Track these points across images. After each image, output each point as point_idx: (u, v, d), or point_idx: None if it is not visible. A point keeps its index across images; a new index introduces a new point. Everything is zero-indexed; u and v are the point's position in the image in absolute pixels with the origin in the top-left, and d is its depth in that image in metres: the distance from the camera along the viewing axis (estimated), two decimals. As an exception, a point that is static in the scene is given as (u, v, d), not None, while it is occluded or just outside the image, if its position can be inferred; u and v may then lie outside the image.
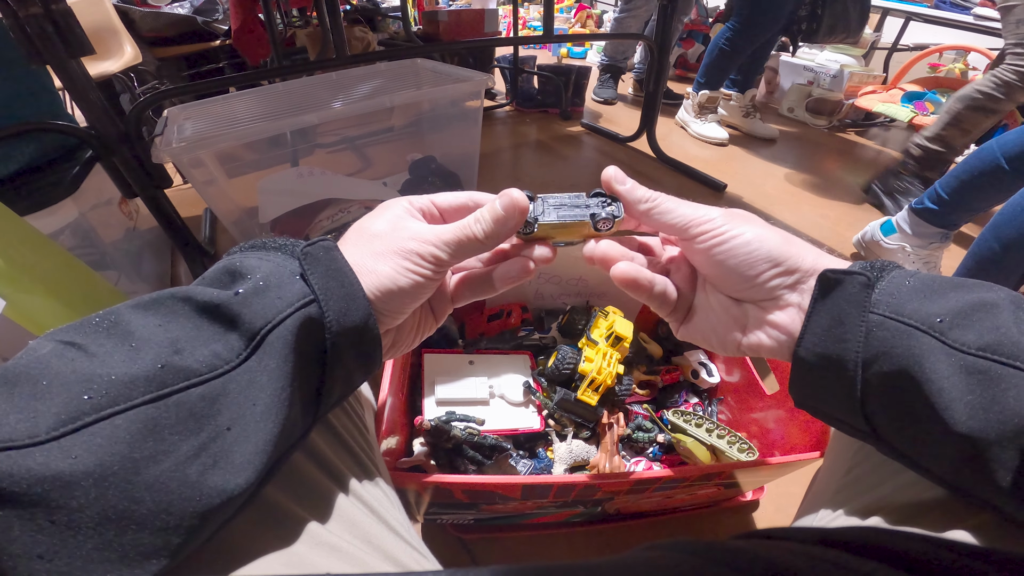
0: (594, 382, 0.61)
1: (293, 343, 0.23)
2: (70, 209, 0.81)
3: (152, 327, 0.21)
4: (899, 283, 0.26)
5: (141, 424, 0.18)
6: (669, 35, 1.53)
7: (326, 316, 0.25)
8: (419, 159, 1.31)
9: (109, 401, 0.18)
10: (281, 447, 0.23)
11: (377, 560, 0.28)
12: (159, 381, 0.19)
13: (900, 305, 0.25)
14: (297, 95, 1.15)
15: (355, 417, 0.37)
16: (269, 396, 0.22)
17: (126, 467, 0.18)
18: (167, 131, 0.92)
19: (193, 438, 0.20)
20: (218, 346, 0.22)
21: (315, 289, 0.25)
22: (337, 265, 0.26)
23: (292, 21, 2.05)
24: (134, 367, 0.19)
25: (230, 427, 0.21)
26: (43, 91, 0.90)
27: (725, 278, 0.31)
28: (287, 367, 0.23)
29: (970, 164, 0.95)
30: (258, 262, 0.25)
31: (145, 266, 1.05)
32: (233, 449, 0.21)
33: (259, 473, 0.21)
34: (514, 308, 0.74)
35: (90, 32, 0.78)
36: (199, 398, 0.20)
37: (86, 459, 0.17)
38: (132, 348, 0.20)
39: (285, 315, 0.23)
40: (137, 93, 1.53)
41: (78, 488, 0.17)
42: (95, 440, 0.17)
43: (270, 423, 0.22)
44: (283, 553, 0.24)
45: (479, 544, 0.66)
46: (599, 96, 2.41)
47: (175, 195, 0.98)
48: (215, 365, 0.21)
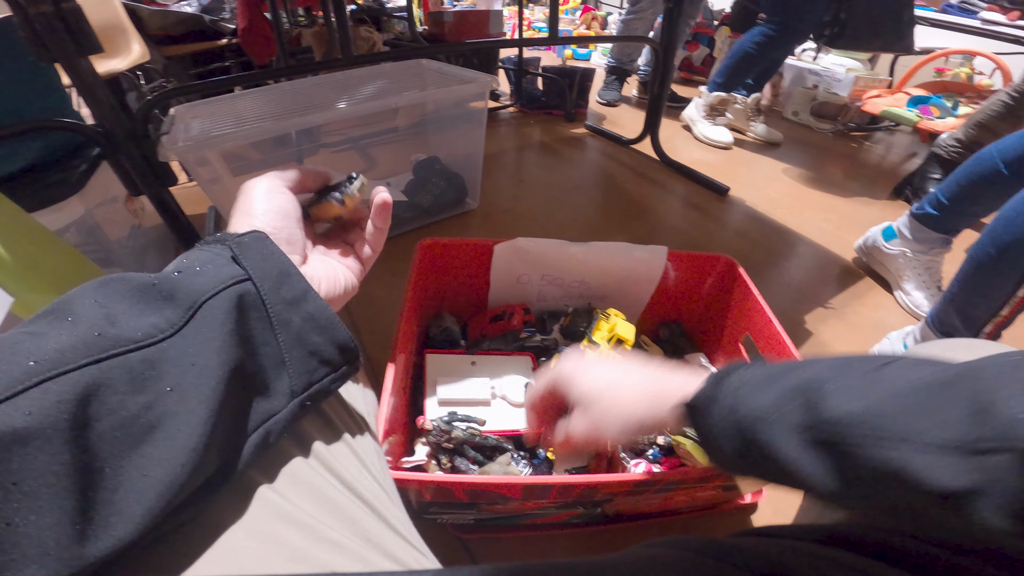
0: None
1: (228, 312, 0.25)
2: (76, 206, 0.82)
3: (88, 304, 0.22)
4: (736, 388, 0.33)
5: (85, 384, 0.20)
6: (675, 38, 1.53)
7: (262, 289, 0.27)
8: (423, 159, 1.31)
9: (53, 364, 0.19)
10: (238, 409, 0.25)
11: (378, 558, 0.28)
12: (98, 347, 0.21)
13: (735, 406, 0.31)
14: (302, 95, 1.16)
15: (356, 415, 0.37)
16: (206, 356, 0.24)
17: (75, 424, 0.19)
18: (174, 129, 0.93)
19: (137, 397, 0.21)
20: (154, 318, 0.23)
21: (247, 269, 0.27)
22: (269, 250, 0.29)
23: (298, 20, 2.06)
24: (71, 338, 0.20)
25: (171, 388, 0.22)
26: (51, 89, 0.90)
27: None
28: (223, 332, 0.25)
29: (969, 169, 0.95)
30: (197, 253, 0.28)
31: (150, 263, 1.05)
32: (177, 410, 0.22)
33: (204, 425, 0.23)
34: (516, 310, 0.74)
35: (98, 30, 0.78)
36: (139, 361, 0.22)
37: (39, 416, 0.18)
38: (70, 323, 0.21)
39: (219, 289, 0.26)
40: (144, 91, 1.54)
41: (29, 446, 0.17)
42: (45, 397, 0.18)
43: (210, 379, 0.24)
44: (284, 548, 0.25)
45: (479, 544, 0.66)
46: (603, 98, 2.41)
47: (180, 193, 0.99)
48: (152, 334, 0.23)
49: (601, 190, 1.57)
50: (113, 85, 1.44)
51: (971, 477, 0.22)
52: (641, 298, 0.77)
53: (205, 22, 1.73)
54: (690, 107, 2.05)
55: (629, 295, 0.77)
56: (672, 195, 1.55)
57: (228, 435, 0.25)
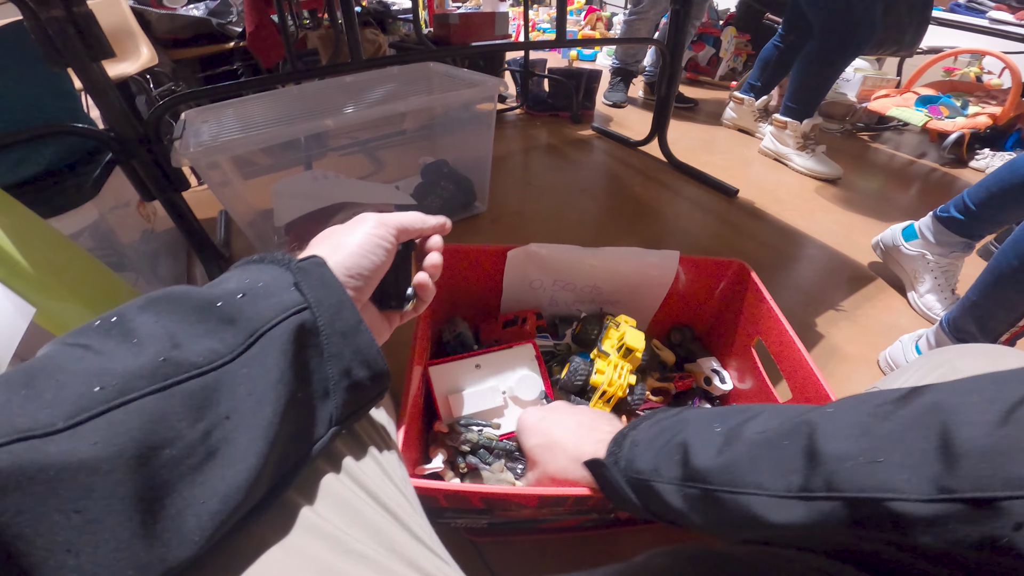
0: (605, 394, 0.61)
1: (288, 343, 0.26)
2: (90, 211, 0.82)
3: (151, 324, 0.22)
4: (627, 452, 0.41)
5: (150, 412, 0.20)
6: (682, 39, 1.53)
7: (319, 320, 0.28)
8: (431, 163, 1.31)
9: (118, 392, 0.19)
10: (288, 437, 0.25)
11: (403, 568, 0.28)
12: (162, 373, 0.21)
13: (627, 468, 0.40)
14: (311, 99, 1.16)
15: (378, 425, 0.38)
16: (264, 386, 0.24)
17: (142, 453, 0.19)
18: (185, 134, 0.93)
19: (197, 425, 0.21)
20: (214, 342, 0.23)
21: (308, 298, 0.28)
22: (327, 279, 0.30)
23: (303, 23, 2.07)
24: (138, 361, 0.20)
25: (228, 416, 0.22)
26: (64, 93, 0.91)
27: None
28: (282, 362, 0.25)
29: (1001, 176, 0.94)
30: (258, 273, 0.28)
31: (162, 268, 1.06)
32: (232, 436, 0.22)
33: (261, 457, 0.23)
34: (528, 315, 0.74)
35: (107, 33, 0.78)
36: (199, 388, 0.22)
37: (105, 445, 0.18)
38: (134, 344, 0.21)
39: (281, 318, 0.26)
40: (154, 95, 1.55)
41: (99, 473, 0.17)
42: (111, 427, 0.18)
43: (268, 408, 0.24)
44: (313, 562, 0.25)
45: (491, 547, 0.66)
46: (609, 100, 2.40)
47: (191, 197, 1.00)
48: (212, 359, 0.23)
49: (609, 192, 1.57)
50: (122, 89, 1.45)
51: (808, 515, 0.27)
52: (653, 303, 0.77)
53: (212, 25, 1.74)
54: (769, 140, 1.85)
55: (641, 299, 0.76)
56: (680, 197, 1.55)
57: (278, 462, 0.25)
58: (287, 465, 0.26)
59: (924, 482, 0.22)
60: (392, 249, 0.36)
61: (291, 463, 0.26)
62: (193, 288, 0.25)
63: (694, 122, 2.23)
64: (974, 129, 1.80)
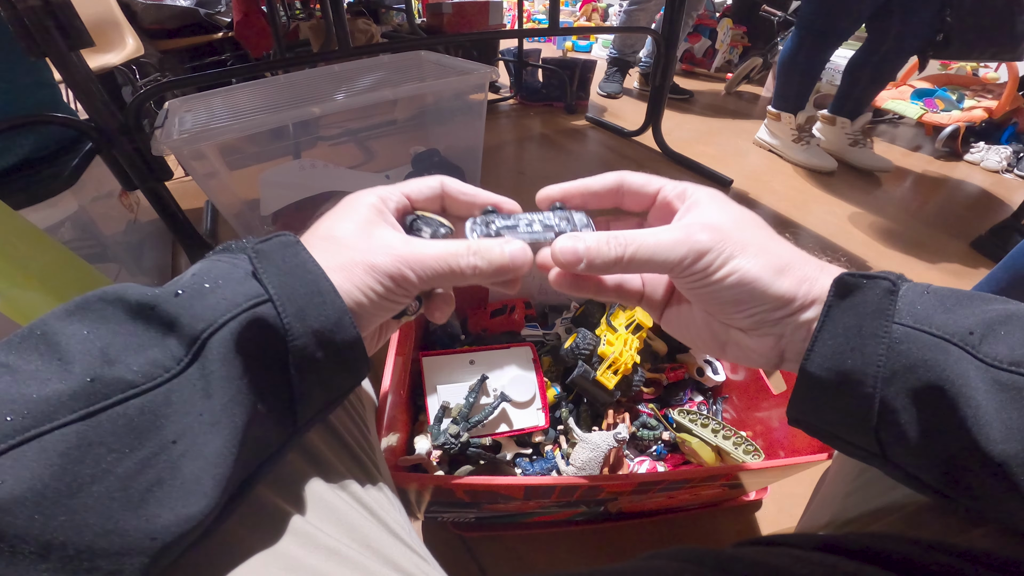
0: (614, 364, 0.60)
1: (241, 346, 0.21)
2: (70, 202, 0.81)
3: (80, 336, 0.19)
4: (919, 293, 0.23)
5: (72, 443, 0.17)
6: (677, 29, 1.51)
7: (283, 317, 0.22)
8: (422, 152, 1.30)
9: (33, 422, 0.17)
10: (245, 461, 0.22)
11: (376, 564, 0.27)
12: (88, 396, 0.18)
13: (927, 315, 0.22)
14: (300, 87, 1.14)
15: (355, 416, 0.36)
16: (218, 406, 0.20)
17: (60, 491, 0.16)
18: (168, 123, 0.91)
19: (134, 453, 0.18)
20: (155, 352, 0.20)
21: (267, 287, 0.22)
22: (298, 261, 0.24)
23: (295, 13, 2.04)
24: (61, 384, 0.17)
25: (175, 440, 0.19)
26: (43, 83, 0.89)
27: (707, 307, 0.29)
28: (236, 373, 0.21)
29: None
30: (211, 264, 0.23)
31: (146, 259, 1.04)
32: (180, 464, 0.19)
33: (221, 488, 0.20)
34: (517, 304, 0.73)
35: (91, 24, 0.77)
36: (137, 411, 0.18)
37: (13, 484, 0.16)
38: (60, 362, 0.18)
39: (229, 316, 0.21)
40: (139, 86, 1.52)
41: (11, 515, 0.15)
42: (21, 463, 0.16)
43: (221, 436, 0.20)
44: (280, 557, 0.24)
45: (480, 543, 0.65)
46: (604, 90, 2.39)
47: (176, 187, 0.98)
48: (153, 374, 0.19)
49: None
50: (108, 80, 1.42)
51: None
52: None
53: (200, 16, 1.72)
54: (764, 131, 1.79)
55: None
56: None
57: (234, 479, 0.22)
58: (243, 474, 0.23)
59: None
60: (402, 299, 0.27)
61: (247, 473, 0.23)
62: (130, 287, 0.21)
63: (689, 113, 2.22)
64: (969, 123, 1.80)
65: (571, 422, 0.62)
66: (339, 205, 0.28)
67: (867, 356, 0.23)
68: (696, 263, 0.25)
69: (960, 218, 1.43)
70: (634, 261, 0.26)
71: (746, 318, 0.27)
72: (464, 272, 0.26)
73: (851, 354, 0.23)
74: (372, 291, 0.25)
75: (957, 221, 1.41)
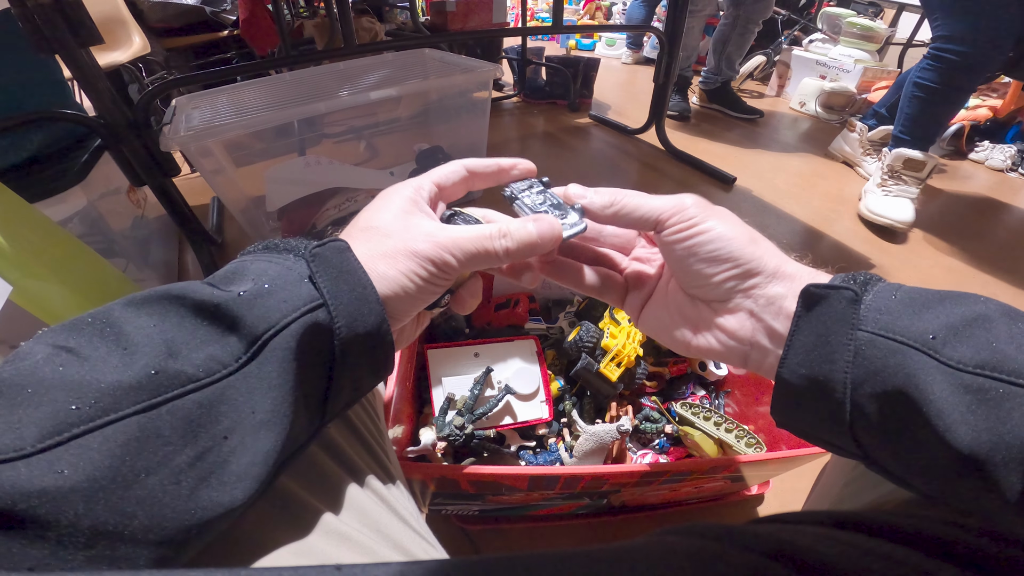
0: (617, 356, 0.61)
1: (297, 349, 0.22)
2: (79, 197, 0.82)
3: (147, 328, 0.20)
4: (885, 297, 0.24)
5: (132, 435, 0.17)
6: (681, 27, 1.51)
7: (335, 322, 0.23)
8: (426, 149, 1.30)
9: (98, 411, 0.17)
10: (282, 456, 0.23)
11: (386, 549, 0.28)
12: (152, 388, 0.18)
13: (890, 322, 0.23)
14: (305, 85, 1.15)
15: (368, 407, 0.37)
16: (270, 405, 0.21)
17: (116, 482, 0.17)
18: (175, 120, 0.92)
19: (189, 448, 0.19)
20: (216, 348, 0.20)
21: (324, 293, 0.23)
22: (349, 267, 0.25)
23: (300, 11, 2.05)
24: (126, 373, 0.18)
25: (227, 436, 0.20)
26: (52, 80, 0.90)
27: (686, 272, 0.29)
28: (290, 374, 0.22)
29: None
30: (266, 264, 0.24)
31: (153, 254, 1.05)
32: (230, 459, 0.20)
33: (259, 483, 0.21)
34: (521, 298, 0.73)
35: (99, 22, 0.77)
36: (195, 405, 0.19)
37: (73, 474, 0.16)
38: (125, 352, 0.19)
39: (290, 319, 0.22)
40: (146, 84, 1.53)
41: (66, 504, 0.16)
42: (83, 453, 0.16)
43: (271, 433, 0.21)
44: (293, 542, 0.24)
45: (483, 536, 0.66)
46: (674, 111, 2.06)
47: (183, 184, 0.99)
48: (212, 370, 0.20)
49: (606, 180, 1.56)
50: (115, 78, 1.43)
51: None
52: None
53: (206, 13, 1.72)
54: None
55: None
56: (678, 185, 1.54)
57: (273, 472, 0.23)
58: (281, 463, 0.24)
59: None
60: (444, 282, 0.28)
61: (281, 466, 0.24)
62: (194, 285, 0.22)
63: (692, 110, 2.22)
64: (974, 121, 1.79)
65: (575, 414, 0.62)
66: (377, 198, 0.29)
67: (835, 363, 0.24)
68: (679, 215, 0.28)
69: (963, 217, 1.43)
70: (624, 207, 0.30)
71: (719, 283, 0.28)
72: (497, 252, 0.28)
73: (820, 362, 0.24)
74: (417, 276, 0.26)
75: (960, 220, 1.41)
